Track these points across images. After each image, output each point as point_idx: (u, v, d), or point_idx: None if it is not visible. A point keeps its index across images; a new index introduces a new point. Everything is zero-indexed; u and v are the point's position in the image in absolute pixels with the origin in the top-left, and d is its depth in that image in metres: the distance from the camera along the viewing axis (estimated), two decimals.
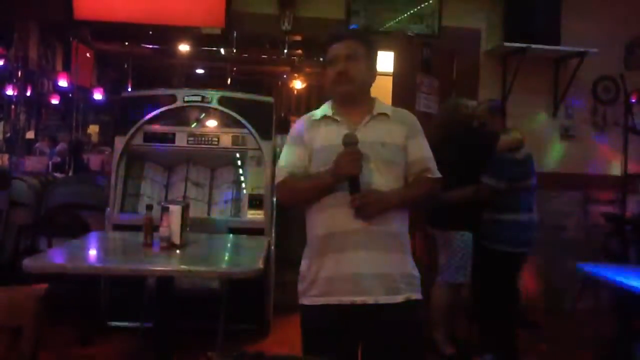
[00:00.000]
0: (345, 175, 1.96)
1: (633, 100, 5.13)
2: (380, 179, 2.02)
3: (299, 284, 2.15)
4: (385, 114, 2.11)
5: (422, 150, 2.12)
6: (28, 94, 7.62)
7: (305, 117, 2.22)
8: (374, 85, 2.18)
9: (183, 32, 5.57)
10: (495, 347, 3.67)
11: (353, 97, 2.09)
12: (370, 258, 1.99)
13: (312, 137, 2.10)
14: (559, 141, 5.24)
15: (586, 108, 5.27)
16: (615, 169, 5.11)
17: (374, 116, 2.10)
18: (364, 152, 1.98)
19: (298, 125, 2.19)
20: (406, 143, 2.09)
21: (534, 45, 4.80)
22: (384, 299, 1.99)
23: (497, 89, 5.11)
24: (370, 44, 2.14)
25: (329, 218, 2.02)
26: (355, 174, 1.95)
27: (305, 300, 2.11)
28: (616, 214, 4.84)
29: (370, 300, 1.99)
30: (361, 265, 1.99)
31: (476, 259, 3.74)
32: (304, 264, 2.14)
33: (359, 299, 1.99)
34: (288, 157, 2.13)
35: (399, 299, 2.01)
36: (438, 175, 2.13)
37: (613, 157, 5.17)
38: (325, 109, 2.17)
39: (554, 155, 5.21)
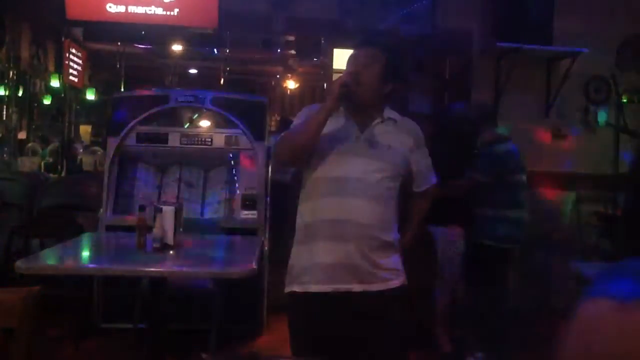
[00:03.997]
0: (340, 82, 2.01)
1: (624, 100, 5.16)
2: (379, 178, 2.08)
3: (288, 273, 2.17)
4: (393, 120, 2.18)
5: (425, 159, 2.26)
6: (20, 94, 7.58)
7: (315, 105, 2.27)
8: None
9: (176, 32, 5.55)
10: (486, 345, 3.69)
11: (358, 99, 2.09)
12: (361, 247, 2.04)
13: None
14: (551, 140, 5.26)
15: (578, 108, 5.29)
16: (607, 168, 5.13)
17: (384, 120, 2.16)
18: (371, 152, 2.08)
19: (310, 107, 2.26)
20: (411, 153, 2.18)
21: (526, 46, 4.82)
22: (371, 287, 2.05)
23: (489, 89, 5.12)
24: (392, 55, 2.16)
25: (325, 206, 2.07)
26: (348, 81, 2.02)
27: (295, 287, 2.12)
28: (608, 213, 4.86)
29: (355, 288, 2.04)
30: (352, 254, 2.03)
31: (467, 255, 3.78)
32: (294, 252, 2.17)
33: (346, 287, 2.04)
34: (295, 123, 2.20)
35: (386, 286, 2.07)
36: (435, 181, 2.30)
37: (605, 157, 5.19)
38: None
39: (545, 154, 5.23)
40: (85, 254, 3.16)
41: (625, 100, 5.18)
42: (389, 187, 2.11)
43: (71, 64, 7.39)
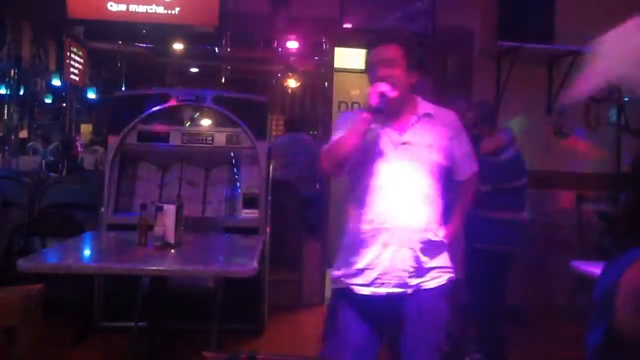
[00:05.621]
0: (378, 93, 2.04)
1: (626, 99, 5.15)
2: (422, 179, 2.13)
3: (336, 273, 2.21)
4: (429, 114, 2.19)
5: (464, 148, 2.27)
6: (21, 93, 7.58)
7: (353, 111, 2.35)
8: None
9: (177, 31, 5.55)
10: (484, 346, 3.67)
11: (396, 100, 2.13)
12: (412, 251, 2.09)
13: None
14: (552, 139, 5.25)
15: (579, 107, 5.29)
16: (609, 168, 5.13)
17: (420, 117, 2.18)
18: (413, 155, 2.12)
19: (347, 115, 2.33)
20: (450, 144, 2.20)
21: (527, 44, 4.81)
22: (421, 286, 2.11)
23: (490, 88, 5.12)
24: (407, 44, 2.18)
25: (372, 213, 2.12)
26: (386, 90, 2.04)
27: (339, 284, 2.19)
28: (609, 212, 4.86)
29: (409, 291, 2.10)
30: (403, 258, 2.09)
31: (466, 257, 3.74)
32: (343, 255, 2.21)
33: (397, 290, 2.10)
34: (334, 136, 2.23)
35: (436, 284, 2.13)
36: (477, 166, 2.33)
37: (606, 156, 5.19)
38: None
39: (547, 153, 5.22)
40: (87, 252, 3.16)
41: (627, 99, 5.17)
42: (434, 185, 2.15)
43: (72, 62, 7.38)
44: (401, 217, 2.09)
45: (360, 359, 2.13)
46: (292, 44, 6.58)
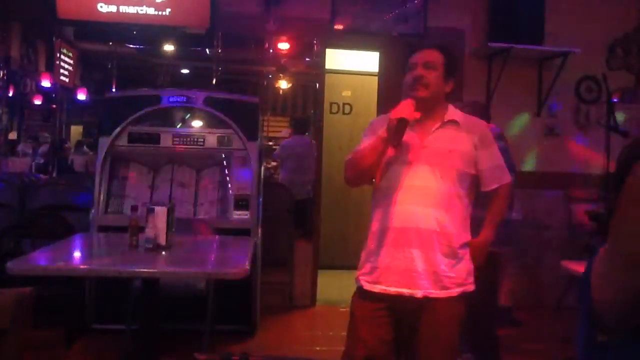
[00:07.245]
0: (397, 119, 2.06)
1: (615, 100, 5.18)
2: (442, 184, 2.14)
3: (358, 269, 2.27)
4: (455, 122, 2.22)
5: (492, 159, 2.26)
6: (10, 94, 7.53)
7: (383, 116, 2.35)
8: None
9: (168, 32, 5.54)
10: (476, 346, 3.68)
11: (426, 102, 2.18)
12: (424, 255, 2.11)
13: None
14: (542, 140, 5.28)
15: (569, 108, 5.32)
16: (598, 168, 5.16)
17: (445, 123, 2.21)
18: (432, 159, 2.14)
19: (375, 121, 2.36)
20: (475, 152, 2.21)
21: (517, 46, 4.84)
22: (431, 294, 2.12)
23: (481, 89, 5.14)
24: (449, 55, 2.25)
25: (389, 214, 2.15)
26: (406, 117, 2.06)
27: (357, 283, 2.25)
28: (599, 212, 4.89)
29: (418, 294, 2.11)
30: (415, 261, 2.11)
31: None
32: (364, 253, 2.26)
33: (406, 292, 2.12)
34: (360, 144, 2.30)
35: (442, 294, 2.14)
36: (509, 179, 2.31)
37: (596, 156, 5.22)
38: None
39: (537, 154, 5.25)
40: (77, 254, 3.15)
41: (615, 100, 5.21)
42: (453, 192, 2.16)
43: (62, 63, 7.33)
44: (415, 219, 2.11)
45: (372, 355, 2.16)
46: (283, 45, 6.57)
